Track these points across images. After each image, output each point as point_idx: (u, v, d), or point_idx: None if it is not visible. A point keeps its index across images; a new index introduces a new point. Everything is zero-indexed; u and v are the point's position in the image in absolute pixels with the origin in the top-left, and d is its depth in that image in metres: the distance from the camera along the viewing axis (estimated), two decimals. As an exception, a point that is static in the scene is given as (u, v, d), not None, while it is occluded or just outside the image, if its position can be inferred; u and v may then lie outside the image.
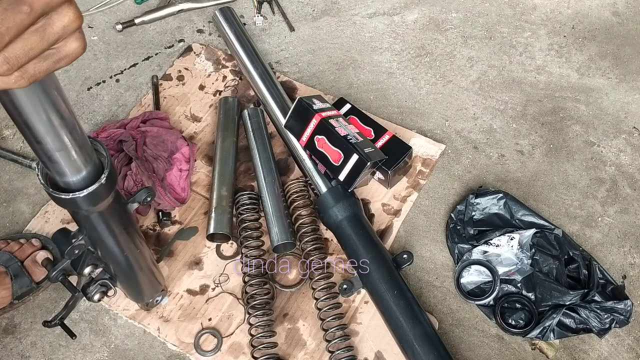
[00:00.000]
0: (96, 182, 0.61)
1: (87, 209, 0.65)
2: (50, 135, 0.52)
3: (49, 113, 0.50)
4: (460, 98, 1.34)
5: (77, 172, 0.60)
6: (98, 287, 0.84)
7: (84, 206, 0.63)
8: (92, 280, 0.84)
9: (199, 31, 1.47)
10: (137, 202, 0.77)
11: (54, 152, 0.55)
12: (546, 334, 1.01)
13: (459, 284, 1.08)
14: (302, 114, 1.13)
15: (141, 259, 0.86)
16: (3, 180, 1.24)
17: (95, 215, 0.68)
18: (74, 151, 0.57)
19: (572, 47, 1.41)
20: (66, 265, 0.78)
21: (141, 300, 1.01)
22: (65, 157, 0.57)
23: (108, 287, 0.86)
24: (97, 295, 0.84)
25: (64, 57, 0.43)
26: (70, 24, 0.41)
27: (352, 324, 1.06)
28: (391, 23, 1.47)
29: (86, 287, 0.83)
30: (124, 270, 0.85)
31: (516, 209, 1.12)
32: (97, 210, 0.67)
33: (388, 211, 1.17)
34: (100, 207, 0.66)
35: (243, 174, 1.23)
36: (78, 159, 0.58)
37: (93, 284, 0.84)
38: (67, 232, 0.75)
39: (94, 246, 0.76)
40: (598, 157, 1.24)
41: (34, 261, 1.06)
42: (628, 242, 1.14)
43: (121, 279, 0.87)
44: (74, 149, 0.56)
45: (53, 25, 0.40)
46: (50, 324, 0.87)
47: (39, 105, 0.49)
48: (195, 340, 1.04)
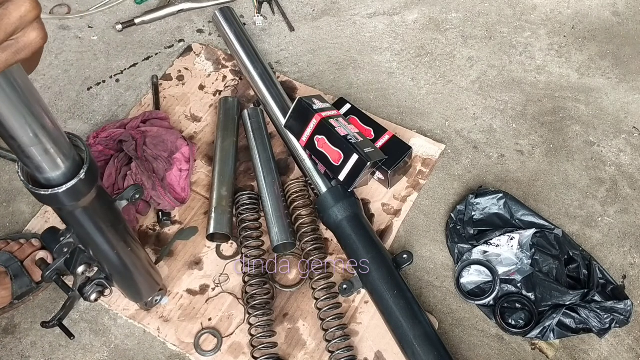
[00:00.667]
0: (75, 178, 0.61)
1: (70, 205, 0.64)
2: (21, 130, 0.52)
3: (17, 107, 0.49)
4: (460, 98, 1.34)
5: (55, 168, 0.59)
6: (94, 287, 0.84)
7: (66, 202, 0.63)
8: (88, 280, 0.84)
9: (199, 31, 1.47)
10: (126, 200, 0.77)
11: (28, 148, 0.55)
12: (546, 334, 1.01)
13: (459, 284, 1.08)
14: (302, 114, 1.13)
15: (134, 258, 0.86)
16: (3, 180, 1.24)
17: (79, 211, 0.68)
18: (49, 146, 0.56)
19: (572, 47, 1.41)
20: (59, 265, 0.78)
21: (139, 299, 1.00)
22: (41, 152, 0.56)
23: (104, 286, 0.86)
24: (94, 295, 0.84)
25: (23, 48, 0.42)
26: (27, 13, 0.40)
27: (352, 324, 1.06)
28: (391, 23, 1.47)
29: (82, 287, 0.84)
30: (118, 269, 0.84)
31: (516, 209, 1.12)
32: (81, 206, 0.67)
33: (388, 211, 1.17)
34: (83, 203, 0.66)
35: (243, 174, 1.23)
36: (55, 154, 0.58)
37: (89, 283, 0.84)
38: (56, 231, 0.75)
39: (84, 245, 0.76)
40: (598, 157, 1.24)
41: (33, 261, 1.06)
42: (628, 242, 1.14)
43: (116, 278, 0.86)
44: (49, 144, 0.56)
45: (10, 16, 0.39)
46: (48, 324, 0.87)
47: (4, 98, 0.48)
48: (195, 340, 1.04)
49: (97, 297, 0.85)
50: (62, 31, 1.48)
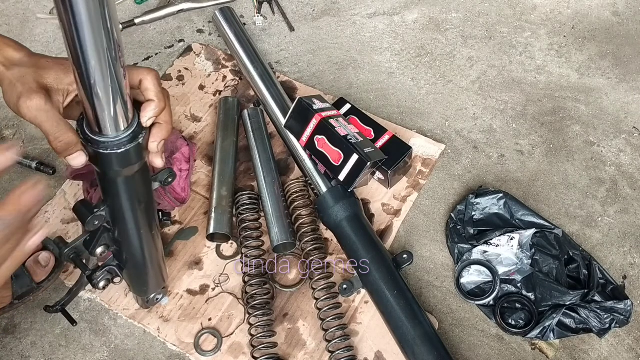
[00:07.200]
0: (134, 141, 0.62)
1: (117, 170, 0.65)
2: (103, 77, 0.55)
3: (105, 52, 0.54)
4: (460, 98, 1.34)
5: (117, 128, 0.61)
6: (105, 274, 0.84)
7: (116, 165, 0.64)
8: (98, 267, 0.84)
9: (199, 31, 1.47)
10: (159, 182, 0.76)
11: (108, 97, 0.57)
12: (546, 334, 1.01)
13: (459, 284, 1.08)
14: (302, 114, 1.13)
15: (152, 246, 0.85)
16: (3, 180, 1.24)
17: (122, 180, 0.68)
18: (120, 103, 0.59)
19: (572, 47, 1.41)
20: (79, 245, 0.78)
21: (144, 294, 0.99)
22: (113, 106, 0.59)
23: (114, 274, 0.85)
24: (103, 282, 0.84)
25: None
26: None
27: (352, 324, 1.06)
28: (391, 23, 1.47)
29: (92, 274, 0.83)
30: (136, 253, 0.84)
31: (516, 209, 1.12)
32: (125, 175, 0.67)
33: (388, 211, 1.17)
34: (128, 172, 0.67)
35: (243, 174, 1.23)
36: (121, 113, 0.60)
37: (100, 270, 0.83)
38: (89, 203, 0.75)
39: (113, 221, 0.76)
40: (598, 157, 1.24)
41: (35, 261, 1.06)
42: (628, 242, 1.14)
43: (129, 265, 0.86)
44: (120, 100, 0.59)
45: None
46: (52, 309, 0.87)
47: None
48: (195, 340, 1.04)
49: (106, 285, 0.84)
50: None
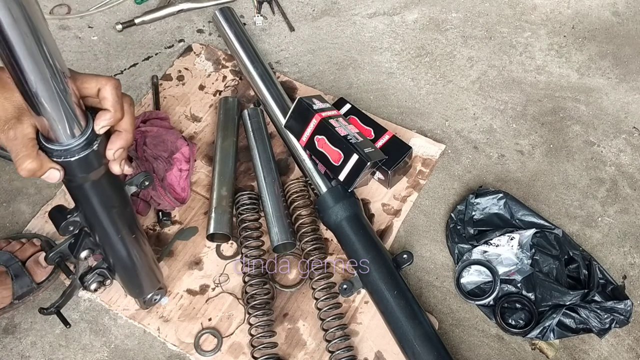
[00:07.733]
0: (88, 148, 0.63)
1: (81, 177, 0.66)
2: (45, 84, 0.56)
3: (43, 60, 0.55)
4: (460, 98, 1.34)
5: (70, 136, 0.62)
6: (95, 276, 0.84)
7: (78, 171, 0.65)
8: (90, 269, 0.84)
9: (199, 31, 1.47)
10: (135, 186, 0.77)
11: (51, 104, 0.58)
12: (546, 334, 1.01)
13: (459, 284, 1.08)
14: (302, 114, 1.13)
15: (138, 248, 0.85)
16: (3, 180, 1.24)
17: (89, 185, 0.69)
18: (68, 110, 0.60)
19: (572, 47, 1.41)
20: (63, 249, 0.78)
21: (139, 295, 1.00)
22: (61, 115, 0.60)
23: (105, 277, 0.85)
24: (94, 285, 0.84)
25: None
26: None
27: (352, 324, 1.06)
28: (391, 23, 1.47)
29: (84, 276, 0.83)
30: (121, 256, 0.84)
31: (516, 209, 1.12)
32: (91, 179, 0.68)
33: (388, 211, 1.17)
34: (93, 176, 0.67)
35: (243, 174, 1.23)
36: (72, 121, 0.61)
37: (91, 272, 0.84)
38: (64, 209, 0.75)
39: (90, 226, 0.76)
40: (598, 157, 1.24)
41: (35, 261, 1.06)
42: (628, 242, 1.14)
43: (118, 267, 0.86)
44: (69, 108, 0.60)
45: None
46: (46, 311, 0.87)
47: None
48: (195, 340, 1.04)
49: (97, 287, 0.85)
50: (62, 31, 1.48)
